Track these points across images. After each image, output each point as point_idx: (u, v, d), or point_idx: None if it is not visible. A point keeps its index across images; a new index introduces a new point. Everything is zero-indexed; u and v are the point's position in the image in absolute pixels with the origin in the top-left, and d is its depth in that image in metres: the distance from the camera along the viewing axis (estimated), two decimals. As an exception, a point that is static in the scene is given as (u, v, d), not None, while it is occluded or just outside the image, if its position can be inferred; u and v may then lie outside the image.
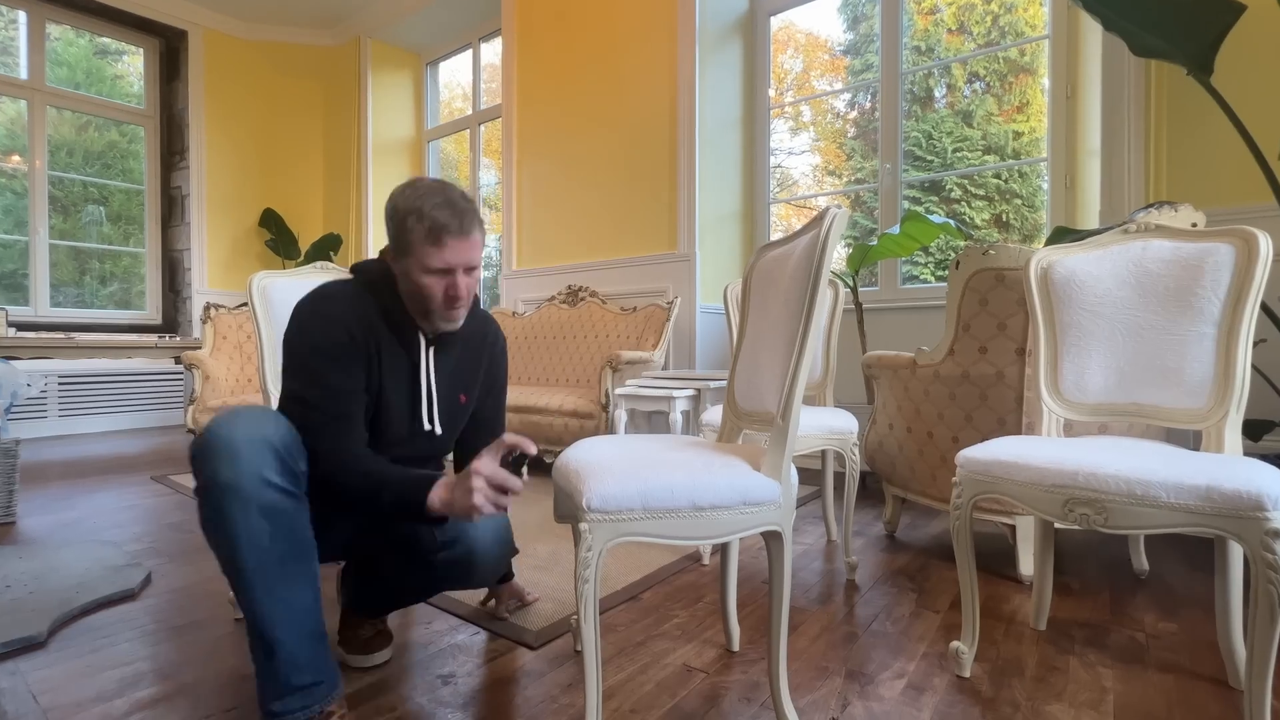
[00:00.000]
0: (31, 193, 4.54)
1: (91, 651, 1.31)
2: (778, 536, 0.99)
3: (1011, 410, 1.70)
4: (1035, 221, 3.06)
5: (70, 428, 4.48)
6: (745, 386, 1.23)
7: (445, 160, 5.52)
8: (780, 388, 1.03)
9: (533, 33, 4.11)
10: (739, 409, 1.25)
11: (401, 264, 1.09)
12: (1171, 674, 1.23)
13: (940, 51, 3.15)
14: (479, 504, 0.96)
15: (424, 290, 1.08)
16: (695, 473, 0.95)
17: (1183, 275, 1.28)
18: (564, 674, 1.22)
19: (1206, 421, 1.22)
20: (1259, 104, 2.10)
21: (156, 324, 5.10)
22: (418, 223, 1.04)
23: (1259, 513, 0.90)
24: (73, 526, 2.20)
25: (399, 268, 1.10)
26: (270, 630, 0.93)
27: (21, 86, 4.50)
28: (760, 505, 0.97)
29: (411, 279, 1.08)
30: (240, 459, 0.91)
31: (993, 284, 1.73)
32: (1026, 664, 1.26)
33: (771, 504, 0.97)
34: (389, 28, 5.03)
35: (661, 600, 1.58)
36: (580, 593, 0.88)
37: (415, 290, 1.09)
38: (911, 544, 2.03)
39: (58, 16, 4.63)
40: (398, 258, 1.09)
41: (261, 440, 0.94)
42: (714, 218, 3.43)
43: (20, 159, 4.52)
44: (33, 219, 4.53)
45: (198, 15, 4.95)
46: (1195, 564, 1.84)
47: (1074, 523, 1.05)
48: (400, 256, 1.08)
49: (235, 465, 0.91)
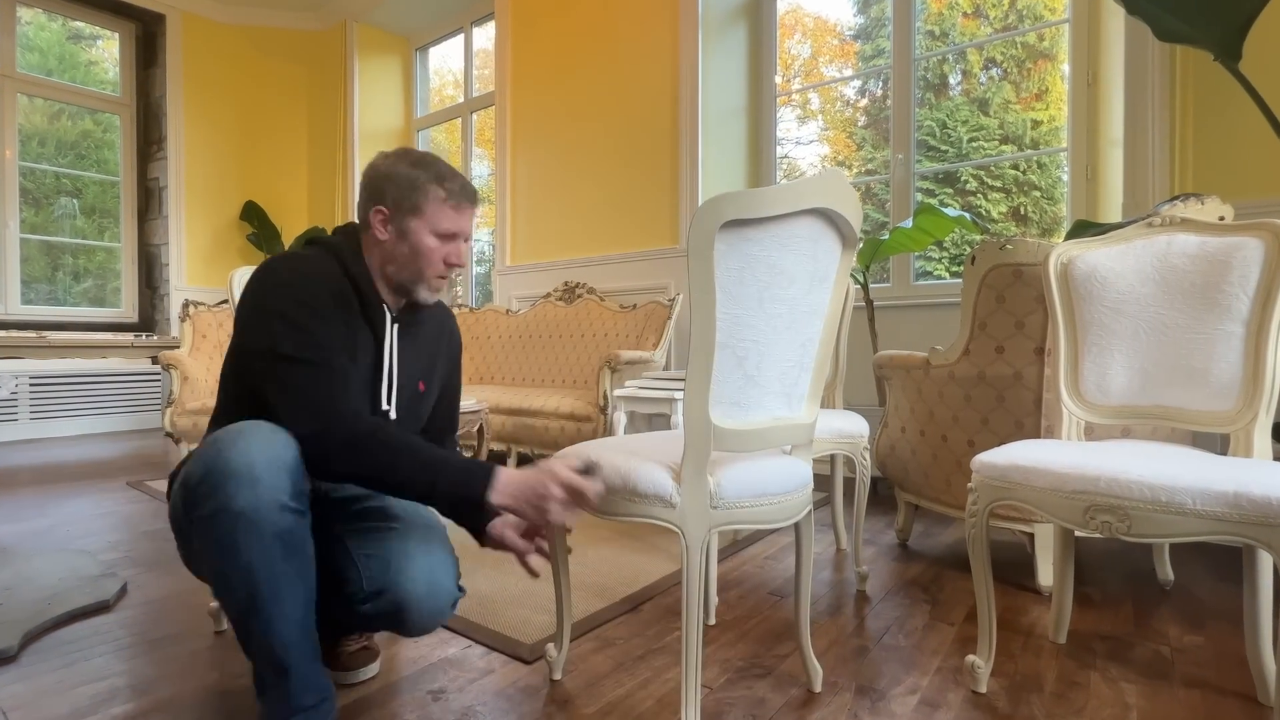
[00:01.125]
0: (1, 185, 4.54)
1: (65, 666, 1.31)
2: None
3: (1030, 413, 1.70)
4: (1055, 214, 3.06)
5: (42, 431, 4.48)
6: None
7: (436, 150, 5.52)
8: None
9: (528, 16, 4.11)
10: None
11: (401, 224, 1.10)
12: (1198, 690, 1.23)
13: (955, 36, 3.16)
14: (555, 518, 0.94)
15: (426, 253, 1.10)
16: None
17: (1210, 271, 1.28)
18: (560, 689, 1.22)
19: (1234, 424, 1.22)
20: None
21: (133, 322, 5.10)
22: (437, 185, 1.09)
23: (1289, 520, 0.90)
24: (45, 535, 2.20)
25: (394, 229, 1.10)
26: (283, 653, 0.92)
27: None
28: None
29: (413, 239, 1.10)
30: (260, 485, 0.89)
31: (1010, 280, 1.73)
32: (1045, 679, 1.26)
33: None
34: (376, 11, 5.04)
35: (662, 613, 1.58)
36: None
37: (414, 252, 1.10)
38: (925, 553, 2.03)
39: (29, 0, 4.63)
40: (397, 218, 1.10)
41: (279, 463, 0.91)
42: (718, 211, 3.43)
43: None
44: (2, 212, 4.53)
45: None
46: (1223, 574, 1.84)
47: (1095, 531, 1.05)
48: (403, 216, 1.09)
49: (255, 491, 0.88)
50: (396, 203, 1.10)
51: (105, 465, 3.51)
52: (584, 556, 1.95)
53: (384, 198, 1.11)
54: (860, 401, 3.01)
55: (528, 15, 4.11)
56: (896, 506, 2.18)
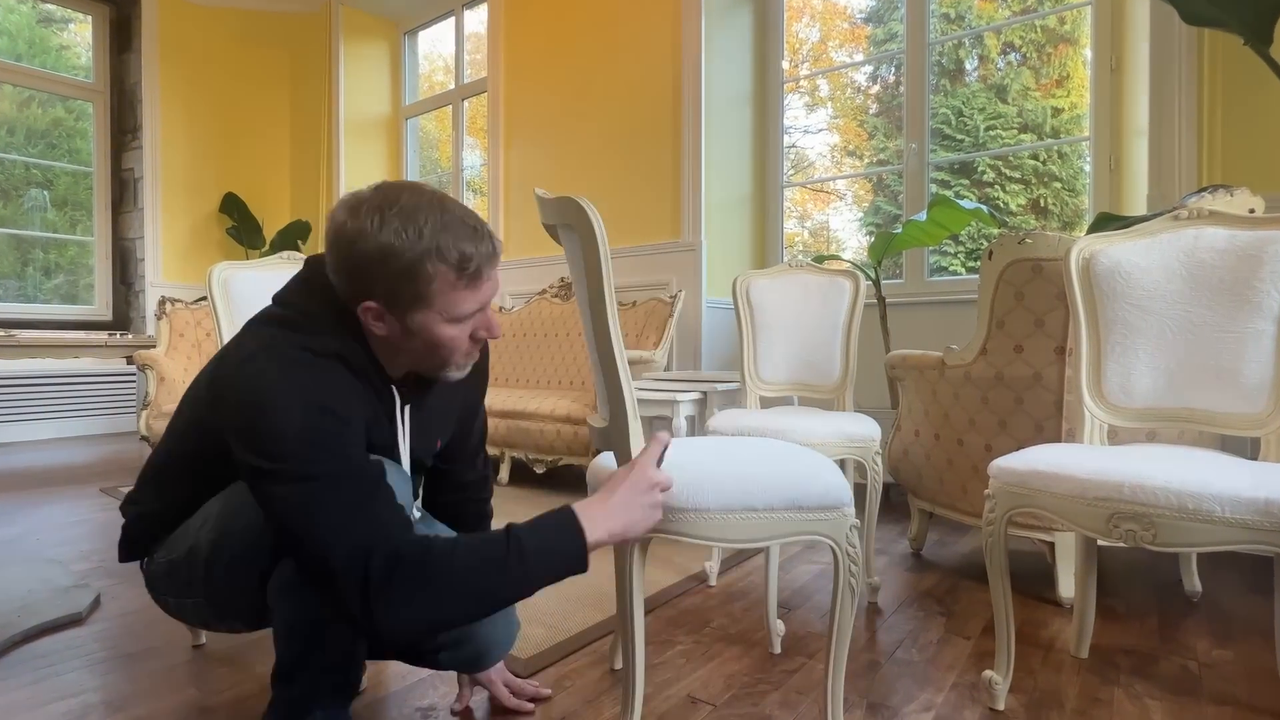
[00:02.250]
0: (-32, 175, 4.53)
1: (35, 681, 1.31)
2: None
3: (1050, 415, 1.70)
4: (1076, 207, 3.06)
5: (10, 434, 4.47)
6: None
7: (425, 139, 5.52)
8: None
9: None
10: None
11: (405, 321, 0.89)
12: (1228, 707, 1.22)
13: (971, 19, 3.16)
14: (658, 508, 0.90)
15: (446, 343, 0.92)
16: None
17: (1240, 266, 1.28)
18: (554, 708, 1.22)
19: (1266, 428, 1.22)
20: (1323, 77, 2.09)
21: (106, 320, 5.10)
22: (439, 264, 0.85)
23: (1324, 529, 0.90)
24: (13, 544, 2.20)
25: (395, 325, 0.90)
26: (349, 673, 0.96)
27: (-43, 58, 4.50)
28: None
29: (426, 335, 0.90)
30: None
31: (1029, 276, 1.73)
32: (1067, 695, 1.26)
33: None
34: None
35: (664, 625, 1.58)
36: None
37: (431, 346, 0.92)
38: (939, 563, 2.03)
39: (-3, -19, 4.63)
40: (397, 313, 0.89)
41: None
42: (722, 203, 3.44)
43: (-44, 138, 4.52)
44: (-30, 204, 4.53)
45: (152, -21, 4.95)
46: (1253, 585, 1.84)
47: (1119, 540, 1.05)
48: (404, 312, 0.89)
49: None
50: (391, 296, 0.87)
51: (78, 470, 3.50)
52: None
53: (371, 290, 0.87)
54: (871, 404, 3.01)
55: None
56: (910, 514, 2.18)
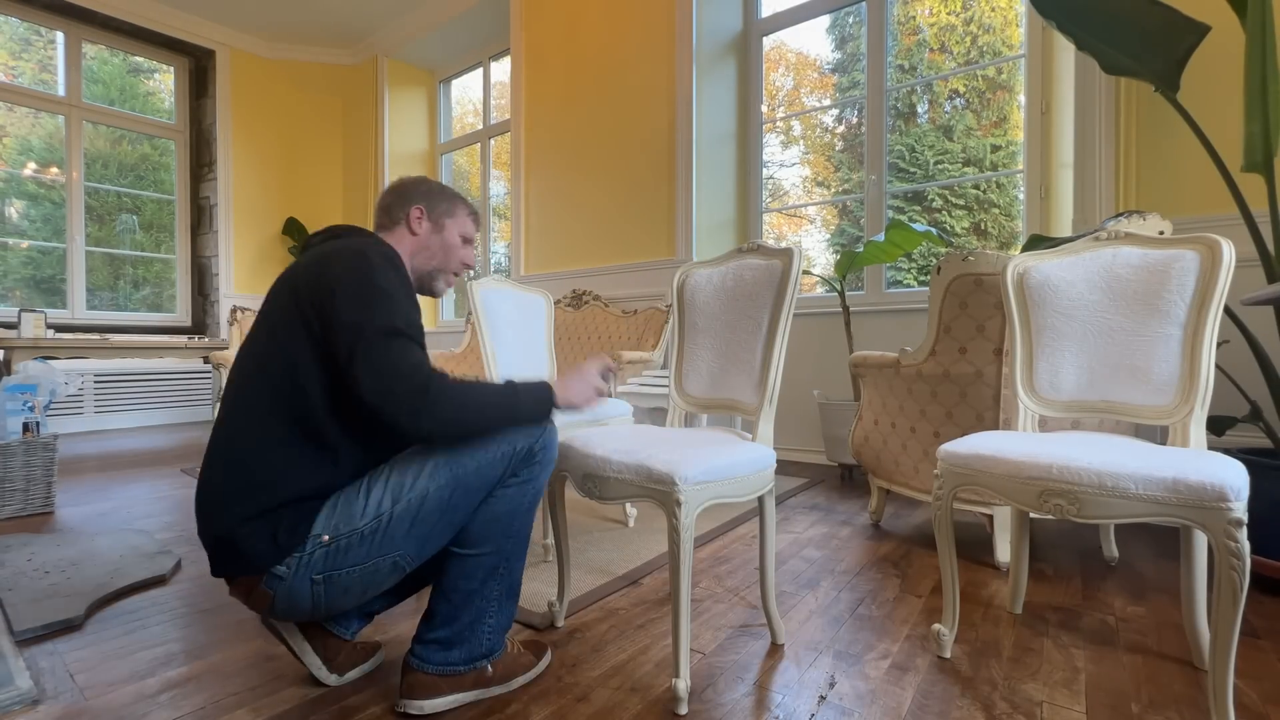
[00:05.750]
0: (69, 203, 4.54)
1: (125, 634, 1.31)
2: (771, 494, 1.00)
3: (989, 407, 1.70)
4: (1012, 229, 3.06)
5: (105, 423, 4.48)
6: (705, 380, 1.44)
7: (458, 172, 5.52)
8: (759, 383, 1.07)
9: (539, 52, 4.10)
10: (694, 398, 1.45)
11: (437, 221, 1.19)
12: (1140, 655, 1.23)
13: (923, 70, 3.15)
14: (596, 397, 1.16)
15: (453, 248, 1.22)
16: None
17: (1151, 280, 1.28)
18: (566, 654, 1.22)
19: (1173, 418, 1.22)
20: (1222, 118, 2.09)
21: (186, 326, 5.10)
22: (462, 204, 1.24)
23: (1222, 503, 0.90)
24: (108, 516, 2.21)
25: (430, 224, 1.19)
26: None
27: (59, 103, 4.50)
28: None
29: (446, 235, 1.20)
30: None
31: (972, 288, 1.73)
32: (1003, 645, 1.26)
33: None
34: (405, 47, 5.03)
35: (660, 584, 1.58)
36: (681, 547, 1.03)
37: (446, 246, 1.21)
38: (895, 533, 2.03)
39: (93, 37, 4.63)
40: (434, 215, 1.19)
41: None
42: (710, 225, 3.43)
43: (58, 171, 4.52)
44: (70, 227, 4.54)
45: (225, 36, 4.95)
46: (1162, 551, 1.84)
47: (1048, 513, 1.05)
48: (439, 215, 1.20)
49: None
50: (432, 204, 1.20)
51: (161, 454, 3.51)
52: (586, 540, 1.94)
53: (420, 199, 1.19)
54: (839, 397, 3.01)
55: (539, 51, 4.10)
56: (870, 491, 2.18)
